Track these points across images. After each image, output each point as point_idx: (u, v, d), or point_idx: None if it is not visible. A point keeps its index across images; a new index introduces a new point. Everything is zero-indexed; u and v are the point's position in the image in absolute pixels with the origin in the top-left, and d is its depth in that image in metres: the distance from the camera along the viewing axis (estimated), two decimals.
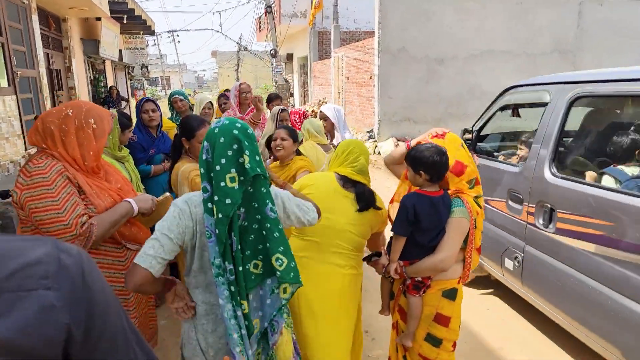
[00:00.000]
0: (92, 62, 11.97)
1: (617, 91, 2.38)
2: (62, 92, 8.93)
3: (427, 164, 1.84)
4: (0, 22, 5.75)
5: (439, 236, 1.87)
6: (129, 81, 17.91)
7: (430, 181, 1.87)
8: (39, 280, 0.52)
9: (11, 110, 5.81)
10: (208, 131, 1.42)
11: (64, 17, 9.10)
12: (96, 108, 1.72)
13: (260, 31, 20.33)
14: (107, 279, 1.71)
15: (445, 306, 1.93)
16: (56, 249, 0.56)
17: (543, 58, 10.63)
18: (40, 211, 1.50)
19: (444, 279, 1.93)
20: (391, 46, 9.98)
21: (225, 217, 1.31)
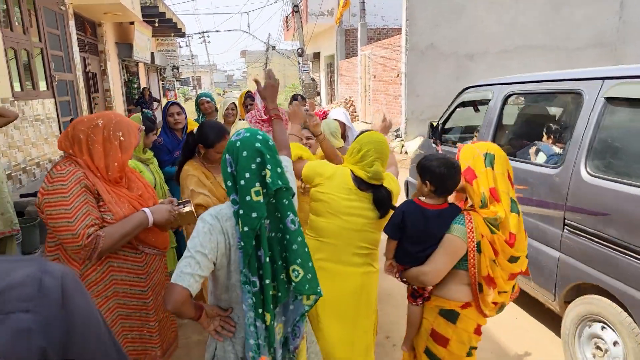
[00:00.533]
0: (126, 65, 12.37)
1: (533, 90, 3.18)
2: (97, 94, 9.28)
3: (433, 174, 1.79)
4: (40, 29, 6.03)
5: (430, 248, 1.81)
6: (160, 82, 18.42)
7: (435, 192, 1.81)
8: (18, 303, 0.53)
9: (50, 113, 6.09)
10: (229, 143, 1.40)
11: (99, 22, 9.44)
12: (125, 121, 1.76)
13: (288, 30, 20.44)
14: (128, 284, 1.76)
15: (442, 325, 1.85)
16: (40, 271, 0.56)
17: (580, 53, 10.19)
18: (55, 218, 1.55)
19: (444, 297, 1.85)
20: (419, 43, 9.82)
21: (251, 230, 1.32)
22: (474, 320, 1.83)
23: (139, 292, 1.79)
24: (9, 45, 5.09)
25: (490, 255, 1.73)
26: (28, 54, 5.65)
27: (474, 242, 1.73)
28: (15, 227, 3.35)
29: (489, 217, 1.72)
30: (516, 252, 1.74)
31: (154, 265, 1.86)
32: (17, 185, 4.94)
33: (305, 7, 16.46)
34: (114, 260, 1.72)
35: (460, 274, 1.79)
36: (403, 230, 1.85)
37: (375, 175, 1.89)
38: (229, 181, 1.38)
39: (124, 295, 1.76)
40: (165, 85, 19.63)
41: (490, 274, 1.74)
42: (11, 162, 4.88)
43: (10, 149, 4.90)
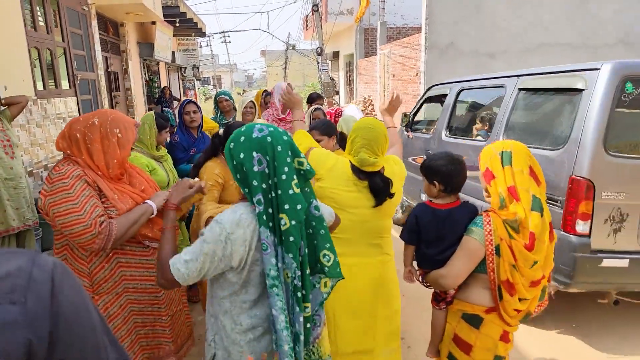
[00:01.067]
0: (147, 64, 12.58)
1: (476, 86, 4.21)
2: (118, 93, 9.45)
3: (440, 173, 1.79)
4: (63, 29, 6.16)
5: (449, 250, 1.76)
6: (181, 81, 18.68)
7: (444, 192, 1.80)
8: (5, 295, 0.52)
9: (72, 111, 6.22)
10: (255, 140, 1.32)
11: (121, 22, 9.61)
12: (121, 117, 1.76)
13: (307, 29, 20.45)
14: (137, 279, 1.76)
15: (465, 330, 1.77)
16: (30, 263, 0.56)
17: (606, 50, 9.90)
18: (62, 214, 1.55)
19: (466, 300, 1.78)
20: (439, 42, 9.67)
21: (298, 223, 1.31)
22: (499, 327, 1.73)
23: (150, 286, 1.79)
24: (33, 45, 5.21)
25: (509, 259, 1.64)
26: (51, 54, 5.78)
27: (492, 245, 1.65)
28: (28, 222, 3.41)
29: (508, 219, 1.65)
30: (535, 255, 1.63)
31: None
32: (38, 182, 5.05)
33: (325, 6, 16.42)
34: (122, 257, 1.73)
35: (483, 278, 1.71)
36: (419, 233, 1.84)
37: (362, 163, 1.83)
38: (255, 180, 1.30)
39: (135, 291, 1.76)
40: (186, 84, 19.90)
41: (509, 279, 1.65)
42: (33, 159, 5.00)
43: (32, 146, 5.01)
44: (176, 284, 1.32)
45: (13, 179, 3.30)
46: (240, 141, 1.34)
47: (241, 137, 1.34)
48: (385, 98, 2.47)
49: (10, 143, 3.33)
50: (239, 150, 1.33)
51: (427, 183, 1.84)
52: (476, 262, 1.69)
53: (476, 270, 1.72)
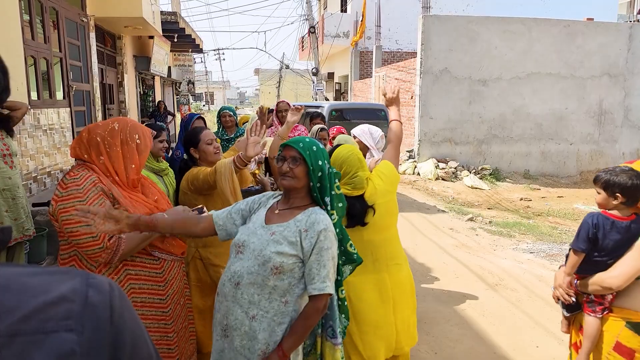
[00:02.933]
0: (143, 78, 12.53)
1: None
2: (112, 105, 9.36)
3: (625, 187, 1.82)
4: (60, 39, 6.10)
5: (618, 258, 1.81)
6: (175, 96, 18.62)
7: (625, 204, 1.84)
8: (61, 321, 0.46)
9: (64, 122, 6.10)
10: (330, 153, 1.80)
11: (119, 35, 9.59)
12: (139, 125, 1.78)
13: (303, 50, 20.70)
14: (146, 292, 1.68)
15: (629, 337, 1.77)
16: (84, 285, 0.50)
17: (592, 81, 10.28)
18: (72, 223, 1.51)
19: (631, 308, 1.79)
20: (434, 67, 9.85)
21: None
22: None
23: (158, 300, 1.71)
24: (29, 54, 5.13)
25: None
26: (47, 63, 5.70)
27: None
28: (27, 233, 3.29)
29: None
30: None
31: (173, 272, 1.80)
32: (26, 194, 4.89)
33: (322, 28, 16.68)
34: (131, 268, 1.66)
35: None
36: (594, 242, 1.87)
37: (357, 185, 2.03)
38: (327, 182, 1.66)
39: (142, 305, 1.69)
40: (180, 99, 19.84)
41: None
42: (22, 170, 4.85)
43: (22, 157, 4.88)
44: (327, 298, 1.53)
45: (10, 189, 3.17)
46: (325, 155, 1.70)
47: (320, 152, 1.65)
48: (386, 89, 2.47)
49: (10, 152, 3.21)
50: (327, 159, 1.68)
51: (606, 195, 1.88)
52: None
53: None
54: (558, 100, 10.31)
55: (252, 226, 1.61)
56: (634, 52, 10.28)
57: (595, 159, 10.60)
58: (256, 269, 1.50)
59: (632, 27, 10.43)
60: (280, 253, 1.50)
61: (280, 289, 1.51)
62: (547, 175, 10.29)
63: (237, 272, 1.53)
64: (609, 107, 10.47)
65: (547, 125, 10.35)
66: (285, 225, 1.56)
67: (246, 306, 1.50)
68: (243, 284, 1.51)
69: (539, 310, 3.78)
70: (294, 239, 1.53)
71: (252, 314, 1.50)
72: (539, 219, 7.05)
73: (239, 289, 1.51)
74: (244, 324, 1.50)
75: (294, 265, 1.52)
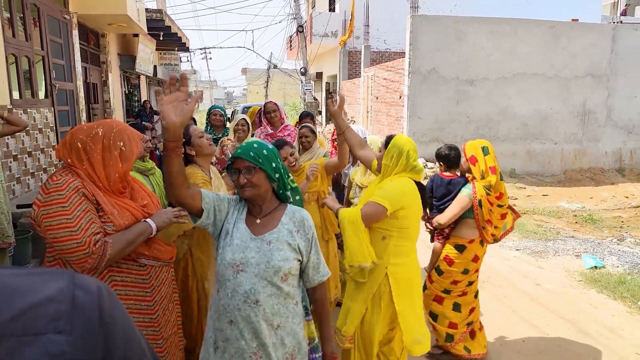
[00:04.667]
0: (128, 77, 12.34)
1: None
2: (97, 105, 9.19)
3: (442, 156, 2.94)
4: (42, 36, 5.96)
5: (448, 202, 2.82)
6: None
7: (447, 168, 2.96)
8: (49, 323, 0.45)
9: (47, 122, 5.97)
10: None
11: (103, 32, 9.42)
12: (127, 130, 1.67)
13: (291, 50, 20.63)
14: (133, 298, 1.62)
15: (452, 253, 2.83)
16: (72, 285, 0.48)
17: (576, 82, 10.45)
18: (55, 228, 1.45)
19: (457, 235, 2.85)
20: (421, 67, 9.90)
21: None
22: (473, 251, 2.83)
23: (146, 307, 1.66)
24: (10, 52, 5.01)
25: (487, 206, 2.75)
26: (29, 61, 5.56)
27: (477, 200, 2.73)
28: (7, 240, 3.20)
29: (485, 185, 2.74)
30: (502, 202, 2.82)
31: (161, 278, 1.74)
32: (9, 196, 4.77)
33: (310, 28, 16.64)
34: (116, 274, 1.60)
35: (469, 221, 2.80)
36: (431, 191, 2.93)
37: (421, 173, 2.30)
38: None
39: (130, 312, 1.63)
40: None
41: (489, 218, 2.77)
42: (5, 172, 4.73)
43: (5, 157, 4.76)
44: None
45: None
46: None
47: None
48: (335, 102, 2.66)
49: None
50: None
51: (438, 163, 2.97)
52: (464, 211, 2.75)
53: (464, 216, 2.79)
54: (543, 100, 10.45)
55: (239, 242, 1.55)
56: (617, 53, 10.47)
57: (579, 158, 10.78)
58: (269, 280, 1.52)
59: (615, 28, 10.62)
60: (286, 259, 1.55)
61: (290, 292, 1.58)
62: (533, 174, 10.43)
63: (251, 290, 1.51)
64: (592, 107, 10.65)
65: (532, 125, 10.49)
66: (276, 232, 1.58)
67: (271, 319, 1.53)
68: (262, 299, 1.52)
69: (524, 306, 3.83)
70: (292, 241, 1.57)
71: (276, 324, 1.54)
72: (524, 217, 7.14)
73: (259, 305, 1.51)
74: (272, 335, 1.53)
75: (297, 265, 1.60)
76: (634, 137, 10.89)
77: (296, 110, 20.60)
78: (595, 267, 4.66)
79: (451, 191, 2.81)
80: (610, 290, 4.12)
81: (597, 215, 7.28)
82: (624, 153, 10.92)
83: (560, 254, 5.19)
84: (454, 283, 2.86)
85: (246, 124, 3.77)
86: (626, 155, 10.93)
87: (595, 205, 8.17)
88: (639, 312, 3.71)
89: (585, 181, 10.18)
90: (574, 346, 3.20)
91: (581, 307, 3.82)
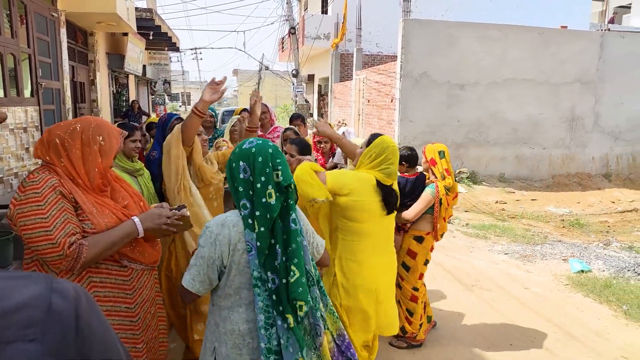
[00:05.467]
0: (116, 76, 12.20)
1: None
2: (84, 104, 9.06)
3: (404, 157, 3.08)
4: (29, 34, 5.86)
5: (412, 200, 3.01)
6: (150, 96, 18.23)
7: (408, 167, 3.13)
8: (21, 330, 0.42)
9: (32, 121, 5.86)
10: (243, 151, 1.50)
11: (91, 31, 9.30)
12: (106, 125, 1.64)
13: (283, 51, 20.61)
14: (112, 300, 1.57)
15: (414, 245, 3.10)
16: (48, 290, 0.45)
17: (565, 88, 10.57)
18: (29, 228, 1.41)
19: (417, 229, 3.10)
20: (413, 71, 9.94)
21: (267, 230, 1.43)
22: (430, 242, 3.13)
23: (125, 309, 1.60)
24: None
25: (445, 205, 3.07)
26: (15, 59, 5.46)
27: (438, 198, 3.03)
28: None
29: (446, 185, 3.06)
30: (454, 204, 3.19)
31: (142, 280, 1.69)
32: None
33: (302, 29, 16.63)
34: (95, 275, 1.55)
35: (427, 216, 3.07)
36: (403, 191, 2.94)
37: (392, 173, 2.26)
38: (241, 187, 1.48)
39: (108, 314, 1.57)
40: (156, 99, 19.43)
41: (444, 216, 3.10)
42: None
43: None
44: (190, 294, 1.50)
45: None
46: (234, 152, 1.52)
47: (237, 149, 1.53)
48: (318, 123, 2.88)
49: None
50: (232, 160, 1.52)
51: (399, 165, 2.91)
52: (427, 206, 3.02)
53: (425, 212, 3.04)
54: (533, 105, 10.55)
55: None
56: (605, 60, 10.63)
57: (567, 163, 10.90)
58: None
59: (603, 35, 10.78)
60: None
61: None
62: (522, 179, 10.52)
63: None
64: (580, 113, 10.79)
65: (522, 130, 10.59)
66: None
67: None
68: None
69: (512, 309, 3.84)
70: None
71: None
72: (513, 221, 7.19)
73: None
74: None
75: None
76: (620, 143, 11.05)
77: (287, 113, 20.56)
78: (582, 271, 4.69)
79: (416, 189, 3.04)
80: (596, 294, 4.15)
81: (584, 220, 7.36)
82: (610, 158, 11.07)
83: (548, 258, 5.22)
84: (420, 277, 3.14)
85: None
86: (613, 160, 11.09)
87: (582, 210, 8.26)
88: (624, 315, 3.74)
89: (573, 186, 10.30)
90: (562, 349, 3.21)
91: (568, 311, 3.84)
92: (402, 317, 3.07)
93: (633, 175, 10.98)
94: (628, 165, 11.12)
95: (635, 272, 4.61)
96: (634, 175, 10.98)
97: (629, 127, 11.00)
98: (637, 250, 5.60)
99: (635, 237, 6.39)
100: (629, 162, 11.13)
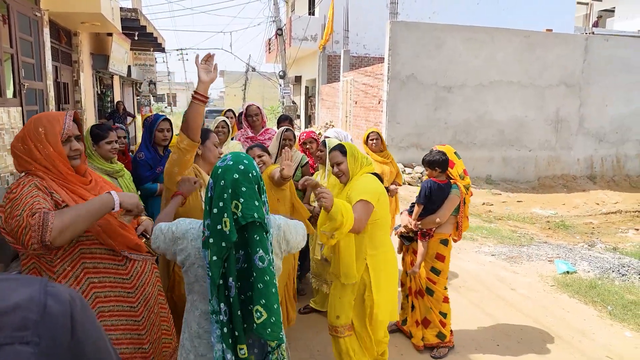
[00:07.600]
0: (100, 77, 12.01)
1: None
2: (67, 105, 8.90)
3: (439, 162, 3.05)
4: (11, 34, 5.72)
5: (441, 204, 3.04)
6: (135, 97, 17.99)
7: (441, 173, 3.09)
8: (15, 332, 0.41)
9: (15, 122, 5.72)
10: (214, 168, 1.40)
11: (75, 31, 9.14)
12: (45, 115, 1.64)
13: (270, 53, 20.54)
14: (113, 300, 1.56)
15: (441, 248, 3.09)
16: (43, 293, 0.45)
17: (550, 90, 10.73)
18: (8, 220, 1.42)
19: (441, 232, 3.08)
20: (400, 72, 9.99)
21: (219, 259, 1.28)
22: (451, 243, 3.18)
23: (128, 308, 1.58)
24: None
25: (468, 202, 3.18)
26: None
27: (462, 198, 3.08)
28: None
29: (465, 185, 3.12)
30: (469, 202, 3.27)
31: (144, 278, 1.67)
32: None
33: (289, 31, 16.60)
34: (94, 276, 1.54)
35: (451, 218, 3.09)
36: (429, 197, 3.05)
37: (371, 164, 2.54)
38: (207, 205, 1.35)
39: (110, 315, 1.55)
40: (141, 100, 19.19)
41: (466, 214, 3.19)
42: None
43: None
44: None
45: None
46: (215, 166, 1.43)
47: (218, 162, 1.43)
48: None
49: None
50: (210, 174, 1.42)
51: (430, 170, 3.08)
52: (454, 208, 3.06)
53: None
54: (519, 108, 10.70)
55: None
56: (589, 62, 10.82)
57: (552, 164, 11.07)
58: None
59: (587, 39, 10.98)
60: None
61: None
62: (508, 181, 10.64)
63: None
64: (565, 116, 10.97)
65: (508, 132, 10.72)
66: None
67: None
68: None
69: (499, 310, 3.87)
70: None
71: None
72: (500, 223, 7.26)
73: None
74: None
75: None
76: (604, 145, 11.26)
77: (274, 114, 20.51)
78: (568, 272, 4.75)
79: (446, 195, 3.04)
80: (581, 294, 4.20)
81: (569, 221, 7.47)
82: (595, 160, 11.27)
83: (534, 259, 5.27)
84: (447, 279, 3.25)
85: (226, 126, 3.67)
86: (597, 162, 11.30)
87: (568, 211, 8.38)
88: (609, 316, 3.79)
89: (558, 188, 10.46)
90: (548, 350, 3.24)
91: (554, 312, 3.88)
92: (437, 322, 3.08)
93: (617, 177, 11.19)
94: (612, 167, 11.34)
95: (619, 273, 4.68)
96: (618, 177, 11.20)
97: (613, 129, 11.22)
98: (621, 251, 5.70)
99: (619, 239, 6.50)
100: (613, 164, 11.35)
